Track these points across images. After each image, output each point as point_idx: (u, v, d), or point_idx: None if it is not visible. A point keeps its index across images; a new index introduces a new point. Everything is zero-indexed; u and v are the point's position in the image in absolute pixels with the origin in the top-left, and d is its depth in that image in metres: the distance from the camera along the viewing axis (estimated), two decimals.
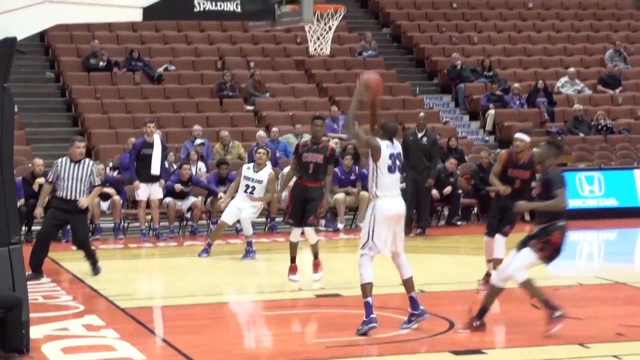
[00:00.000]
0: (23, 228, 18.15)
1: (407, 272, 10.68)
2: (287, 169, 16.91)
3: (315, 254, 14.00)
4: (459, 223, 21.39)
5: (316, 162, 13.70)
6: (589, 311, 11.74)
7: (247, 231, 16.40)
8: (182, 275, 15.47)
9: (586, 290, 13.52)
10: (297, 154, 13.93)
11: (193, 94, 25.33)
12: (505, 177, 12.83)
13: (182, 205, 19.71)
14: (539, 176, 10.65)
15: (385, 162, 10.35)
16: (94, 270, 14.62)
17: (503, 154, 13.13)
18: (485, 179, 18.13)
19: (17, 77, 22.85)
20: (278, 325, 11.47)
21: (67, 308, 12.06)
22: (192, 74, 26.15)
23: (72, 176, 14.25)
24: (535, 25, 31.33)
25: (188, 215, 19.91)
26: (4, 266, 9.34)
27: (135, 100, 24.75)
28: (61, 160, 14.50)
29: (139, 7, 10.00)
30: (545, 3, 32.61)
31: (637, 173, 23.22)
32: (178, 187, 19.47)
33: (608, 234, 20.93)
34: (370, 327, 10.32)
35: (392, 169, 10.40)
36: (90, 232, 19.02)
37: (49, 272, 14.58)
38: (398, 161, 10.48)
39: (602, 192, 22.69)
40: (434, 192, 20.38)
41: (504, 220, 12.87)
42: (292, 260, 13.90)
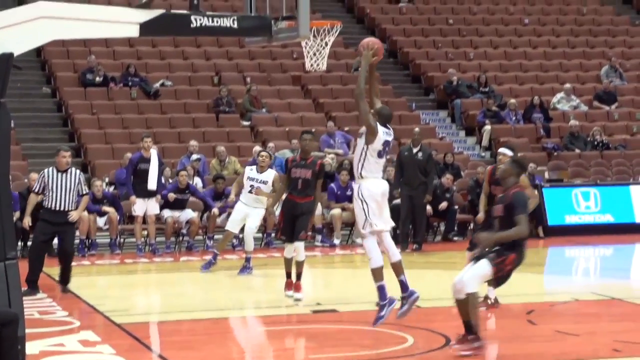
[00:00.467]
0: (19, 243, 18.11)
1: (396, 256, 10.82)
2: None
3: (299, 275, 13.63)
4: (456, 239, 21.40)
5: (305, 177, 13.57)
6: (585, 327, 11.72)
7: (249, 246, 16.30)
8: (179, 290, 15.45)
9: (582, 306, 13.50)
10: (287, 169, 13.86)
11: (189, 109, 25.35)
12: (491, 194, 12.84)
13: (180, 217, 19.67)
14: (500, 196, 10.23)
15: (377, 147, 10.57)
16: (64, 289, 14.42)
17: (487, 171, 13.15)
18: None
19: (13, 92, 22.85)
20: (274, 340, 11.45)
21: (63, 324, 12.02)
22: (188, 90, 26.18)
23: (60, 186, 14.17)
24: (531, 41, 31.41)
25: (184, 231, 19.89)
26: (0, 281, 9.32)
27: (132, 115, 24.76)
28: (47, 170, 14.39)
29: (136, 23, 10.02)
30: (541, 19, 32.70)
31: (633, 189, 23.23)
32: (171, 196, 19.39)
33: (604, 249, 20.92)
34: (393, 306, 10.55)
35: (381, 154, 10.64)
36: (86, 247, 19.09)
37: (44, 287, 14.55)
38: (388, 147, 10.72)
39: (598, 208, 22.70)
40: (428, 208, 20.37)
41: None
42: (288, 275, 13.86)
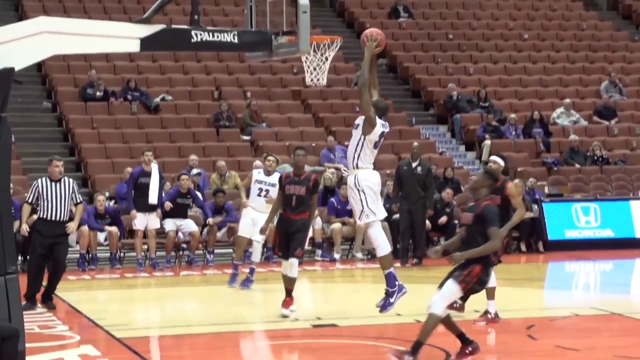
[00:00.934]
0: (19, 257, 18.11)
1: (378, 251, 11.13)
2: None
3: (289, 291, 13.44)
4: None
5: (299, 194, 13.44)
6: (586, 342, 11.72)
7: (256, 257, 16.19)
8: (179, 305, 15.45)
9: (582, 321, 13.51)
10: (281, 185, 13.72)
11: (190, 123, 25.37)
12: None
13: (182, 227, 19.55)
14: (471, 205, 10.28)
15: (374, 138, 10.89)
16: (50, 303, 14.33)
17: None
18: None
19: (14, 106, 22.88)
20: (274, 355, 11.46)
21: (63, 338, 12.03)
22: (188, 104, 26.20)
23: (54, 195, 14.18)
24: (531, 56, 31.46)
25: (185, 245, 19.88)
26: (0, 296, 9.33)
27: (132, 130, 24.78)
28: (40, 180, 14.43)
29: (137, 38, 10.05)
30: (541, 34, 32.75)
31: (633, 204, 23.24)
32: (168, 205, 19.34)
33: (604, 264, 20.92)
34: (403, 292, 10.81)
35: (376, 145, 10.99)
36: (87, 262, 19.09)
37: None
38: (382, 139, 11.05)
39: (598, 223, 22.70)
40: (427, 222, 20.35)
41: None
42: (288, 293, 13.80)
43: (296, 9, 10.36)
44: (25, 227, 14.57)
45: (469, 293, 10.03)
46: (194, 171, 21.64)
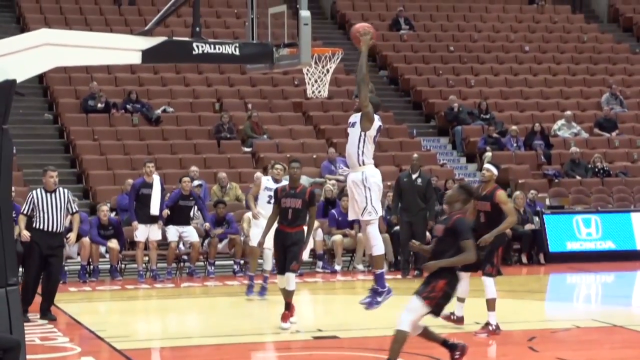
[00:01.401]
0: (20, 269, 18.09)
1: (375, 250, 11.44)
2: None
3: (288, 304, 13.44)
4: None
5: (295, 207, 13.35)
6: (587, 354, 11.72)
7: (268, 265, 16.12)
8: (180, 316, 15.45)
9: (583, 333, 13.49)
10: (277, 199, 13.62)
11: (191, 135, 25.39)
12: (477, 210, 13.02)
13: (184, 234, 19.50)
14: (444, 217, 10.16)
15: (373, 133, 11.27)
16: (50, 315, 14.30)
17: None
18: None
19: (15, 118, 22.92)
20: None
21: (64, 350, 12.03)
22: (190, 116, 26.23)
23: (50, 206, 14.17)
24: (532, 68, 31.50)
25: (186, 257, 19.87)
26: (1, 307, 9.33)
27: (133, 141, 24.80)
28: (35, 191, 14.41)
29: (139, 50, 10.07)
30: (542, 47, 32.79)
31: (634, 216, 23.23)
32: (165, 212, 19.31)
33: (605, 276, 20.90)
34: (391, 295, 11.21)
35: (374, 140, 11.36)
36: (88, 273, 19.07)
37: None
38: (379, 133, 11.47)
39: (599, 235, 22.70)
40: (428, 234, 20.32)
41: (482, 260, 12.88)
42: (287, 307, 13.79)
43: (297, 21, 10.39)
44: (26, 233, 14.39)
45: (437, 308, 9.86)
46: (195, 182, 21.62)
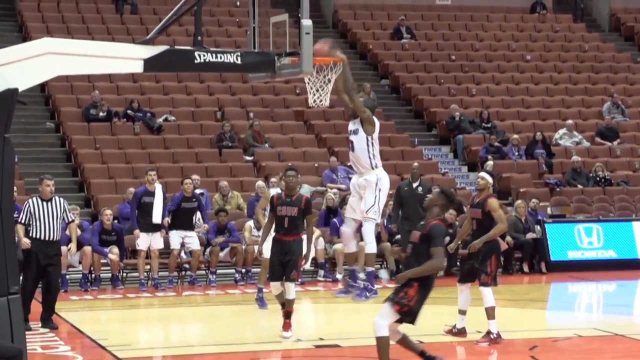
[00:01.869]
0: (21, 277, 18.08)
1: (369, 248, 12.30)
2: None
3: (288, 313, 13.38)
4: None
5: (291, 215, 13.23)
6: None
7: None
8: (181, 325, 15.44)
9: (585, 342, 13.49)
10: (272, 207, 13.50)
11: (192, 144, 25.40)
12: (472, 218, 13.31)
13: (186, 240, 19.44)
14: (421, 224, 10.04)
15: (376, 136, 11.90)
16: (51, 324, 14.29)
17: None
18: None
19: (17, 127, 22.97)
20: None
21: (65, 358, 12.03)
22: (191, 125, 26.25)
23: (46, 215, 14.17)
24: (534, 77, 31.52)
25: (187, 265, 19.86)
26: (3, 316, 9.32)
27: (135, 150, 24.82)
28: (32, 200, 14.41)
29: (140, 59, 10.09)
30: (543, 56, 32.82)
31: (635, 225, 23.22)
32: (166, 221, 19.27)
33: (607, 285, 20.89)
34: (377, 296, 11.93)
35: (377, 142, 12.05)
36: (89, 282, 19.06)
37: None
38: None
39: (601, 244, 22.68)
40: None
41: (476, 269, 12.99)
42: (286, 315, 13.75)
43: (299, 30, 10.42)
44: (26, 241, 14.29)
45: (407, 315, 9.74)
46: (197, 191, 21.62)
